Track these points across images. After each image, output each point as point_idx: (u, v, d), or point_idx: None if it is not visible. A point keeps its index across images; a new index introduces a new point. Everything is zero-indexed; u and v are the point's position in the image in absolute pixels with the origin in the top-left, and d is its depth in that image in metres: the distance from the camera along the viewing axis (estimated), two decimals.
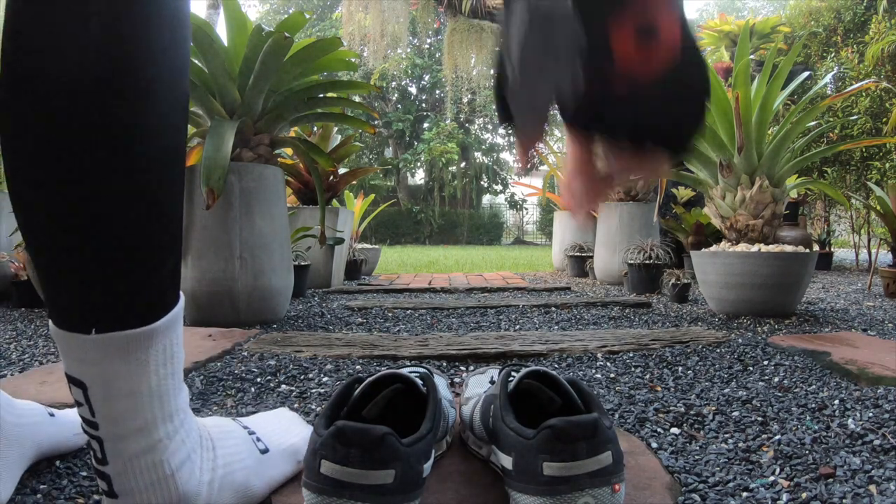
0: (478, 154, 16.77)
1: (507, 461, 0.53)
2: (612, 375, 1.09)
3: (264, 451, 0.59)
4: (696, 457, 0.71)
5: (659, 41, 0.31)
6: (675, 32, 0.31)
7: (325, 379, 1.06)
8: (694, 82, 0.33)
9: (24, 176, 0.44)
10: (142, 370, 0.47)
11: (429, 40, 15.69)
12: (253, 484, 0.56)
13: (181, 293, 0.52)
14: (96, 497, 0.61)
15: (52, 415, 0.67)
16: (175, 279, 0.51)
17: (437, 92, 15.82)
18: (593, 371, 1.12)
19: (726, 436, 0.78)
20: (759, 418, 0.84)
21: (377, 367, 1.15)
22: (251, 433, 0.60)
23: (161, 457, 0.48)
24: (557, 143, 9.52)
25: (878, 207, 2.54)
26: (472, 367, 1.17)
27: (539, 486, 0.48)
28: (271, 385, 1.03)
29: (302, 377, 1.08)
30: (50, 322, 0.47)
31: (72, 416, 0.71)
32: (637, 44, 0.30)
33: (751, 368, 1.14)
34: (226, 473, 0.54)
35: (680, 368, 1.14)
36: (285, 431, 0.65)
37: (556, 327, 1.67)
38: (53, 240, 0.45)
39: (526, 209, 17.10)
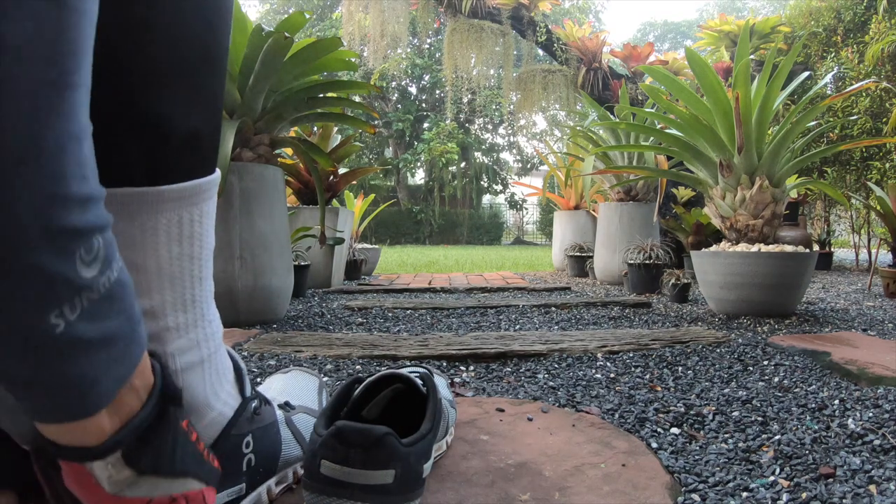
0: (478, 154, 16.76)
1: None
2: (612, 375, 1.09)
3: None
4: (696, 457, 0.71)
5: None
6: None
7: (324, 379, 1.06)
8: None
9: None
10: (148, 241, 0.42)
11: (429, 40, 15.68)
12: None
13: (217, 171, 0.47)
14: None
15: None
16: (199, 143, 0.45)
17: (437, 92, 15.81)
18: (593, 371, 1.12)
19: (726, 436, 0.78)
20: (759, 418, 0.84)
21: (377, 367, 1.15)
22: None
23: (166, 348, 0.43)
24: (557, 143, 9.53)
25: (878, 207, 2.54)
26: (472, 367, 1.17)
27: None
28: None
29: None
30: None
31: None
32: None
33: (751, 368, 1.14)
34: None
35: (680, 368, 1.14)
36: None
37: (556, 327, 1.67)
38: None
39: (526, 209, 17.10)
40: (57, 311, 0.30)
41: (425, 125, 15.91)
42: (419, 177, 16.85)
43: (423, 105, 16.36)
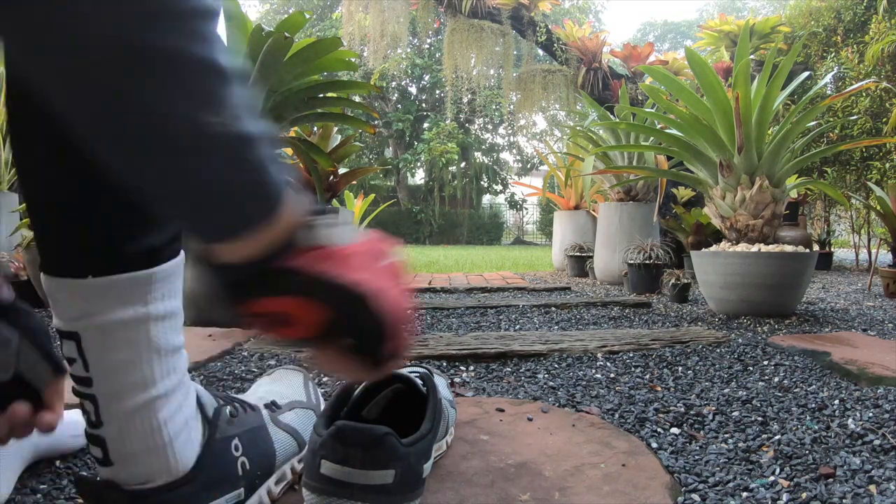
0: (478, 154, 16.75)
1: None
2: (612, 375, 1.09)
3: None
4: (696, 457, 0.71)
5: (292, 325, 0.39)
6: (312, 318, 0.39)
7: (325, 379, 1.06)
8: (364, 322, 0.41)
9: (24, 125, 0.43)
10: (140, 318, 0.45)
11: (429, 40, 15.68)
12: None
13: (182, 251, 0.50)
14: None
15: None
16: (177, 228, 0.49)
17: (437, 92, 15.81)
18: (593, 371, 1.12)
19: (726, 436, 0.78)
20: (759, 418, 0.84)
21: None
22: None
23: (158, 417, 0.45)
24: (557, 143, 9.53)
25: (878, 207, 2.54)
26: (472, 367, 1.17)
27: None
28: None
29: None
30: (42, 274, 0.45)
31: (70, 417, 0.71)
32: (270, 326, 0.40)
33: (751, 368, 1.14)
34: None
35: (680, 368, 1.14)
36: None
37: (556, 327, 1.67)
38: (50, 176, 0.43)
39: (526, 209, 17.09)
40: (231, 112, 0.33)
41: (425, 125, 15.91)
42: (419, 177, 16.85)
43: (423, 105, 16.35)
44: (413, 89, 16.65)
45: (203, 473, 0.48)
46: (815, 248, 4.26)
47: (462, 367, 1.17)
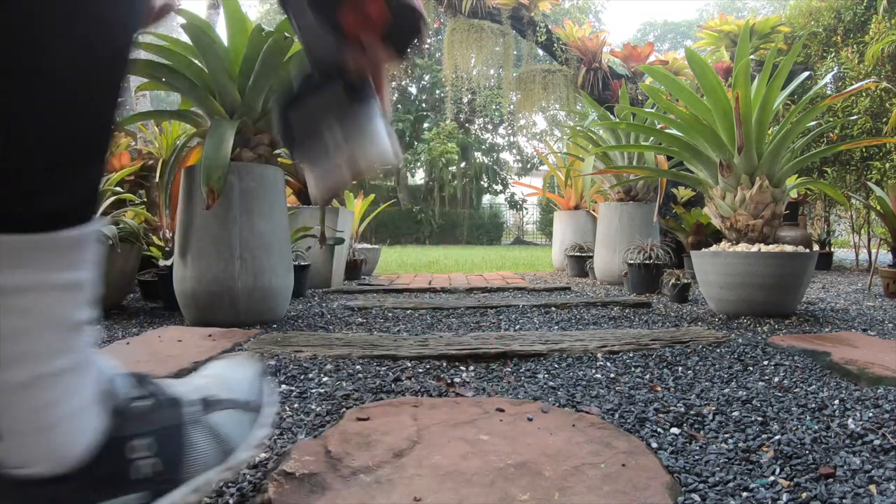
0: (478, 154, 16.77)
1: None
2: (612, 375, 1.09)
3: None
4: (696, 457, 0.71)
5: (371, 18, 0.57)
6: (379, 12, 0.57)
7: (325, 379, 1.06)
8: (405, 21, 0.59)
9: None
10: (32, 285, 0.41)
11: (429, 40, 15.69)
12: None
13: (100, 228, 0.46)
14: None
15: None
16: (90, 195, 0.45)
17: (437, 92, 15.82)
18: (593, 371, 1.12)
19: (726, 436, 0.78)
20: (759, 418, 0.84)
21: (377, 367, 1.15)
22: None
23: (45, 396, 0.41)
24: (557, 143, 9.53)
25: (878, 207, 2.54)
26: (472, 367, 1.17)
27: None
28: (271, 385, 1.02)
29: (302, 377, 1.08)
30: None
31: None
32: (357, 22, 0.56)
33: (751, 368, 1.14)
34: None
35: (680, 368, 1.14)
36: None
37: (556, 327, 1.67)
38: None
39: (526, 209, 17.10)
40: None
41: (425, 125, 15.92)
42: (419, 177, 16.86)
43: (423, 105, 16.36)
44: (413, 89, 16.66)
45: (95, 470, 0.44)
46: (815, 248, 4.26)
47: (462, 367, 1.17)
